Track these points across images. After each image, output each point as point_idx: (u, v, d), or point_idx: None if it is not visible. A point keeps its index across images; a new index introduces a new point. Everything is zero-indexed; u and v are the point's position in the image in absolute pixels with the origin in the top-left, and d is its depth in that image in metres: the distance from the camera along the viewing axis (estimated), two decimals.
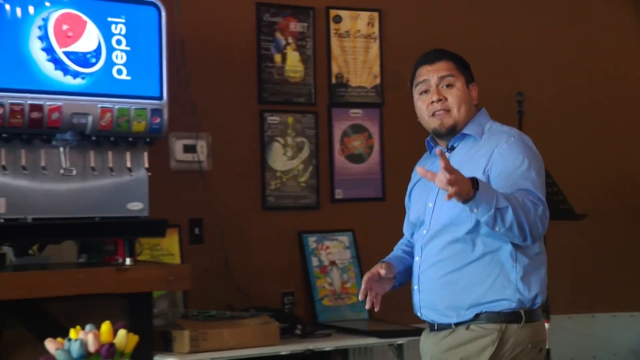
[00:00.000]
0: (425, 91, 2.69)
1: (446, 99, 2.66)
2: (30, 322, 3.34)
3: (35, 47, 3.26)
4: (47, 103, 3.27)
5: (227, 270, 4.32)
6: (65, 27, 3.28)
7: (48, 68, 3.29)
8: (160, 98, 3.51)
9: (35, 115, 3.24)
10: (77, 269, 3.41)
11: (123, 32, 3.43)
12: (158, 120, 3.48)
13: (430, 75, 2.68)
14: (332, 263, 4.55)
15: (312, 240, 4.57)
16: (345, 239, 4.62)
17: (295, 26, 4.64)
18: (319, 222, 4.61)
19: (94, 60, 3.35)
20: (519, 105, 4.38)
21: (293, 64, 4.61)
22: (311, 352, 3.99)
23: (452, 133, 2.68)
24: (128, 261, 3.52)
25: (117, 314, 3.29)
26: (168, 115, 3.52)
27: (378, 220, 4.71)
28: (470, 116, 2.68)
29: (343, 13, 4.77)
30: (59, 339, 2.24)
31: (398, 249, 2.87)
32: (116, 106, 3.40)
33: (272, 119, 4.55)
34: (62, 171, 3.39)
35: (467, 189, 2.35)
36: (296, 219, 4.57)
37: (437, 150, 2.39)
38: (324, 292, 4.51)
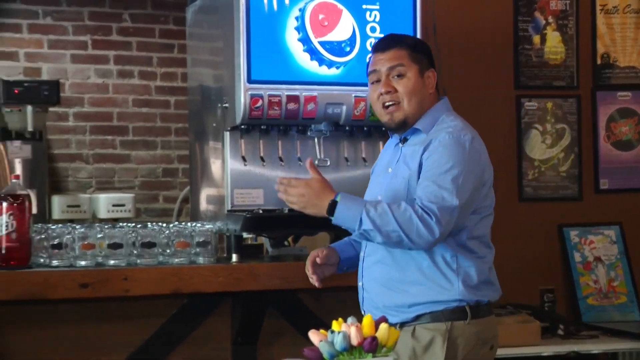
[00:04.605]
0: (377, 81, 2.67)
1: (396, 90, 2.63)
2: (288, 312, 3.39)
3: (292, 38, 3.29)
4: (303, 94, 3.29)
5: None
6: (321, 16, 3.30)
7: (304, 59, 3.31)
8: None
9: (291, 106, 3.28)
10: None
11: (377, 19, 3.40)
12: None
13: (380, 64, 2.66)
14: (597, 259, 4.39)
15: (573, 234, 4.44)
16: (611, 233, 4.44)
17: (556, 4, 4.52)
18: (582, 215, 4.49)
19: (348, 49, 3.35)
20: None
21: (553, 44, 4.50)
22: (576, 355, 3.85)
23: (402, 128, 2.66)
24: None
25: None
26: None
27: None
28: (425, 106, 2.65)
29: None
30: (322, 331, 2.28)
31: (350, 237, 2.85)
32: None
33: (530, 104, 4.49)
34: (316, 162, 3.39)
35: (316, 210, 2.50)
36: (556, 211, 4.47)
37: (307, 162, 2.62)
38: (588, 289, 4.36)
